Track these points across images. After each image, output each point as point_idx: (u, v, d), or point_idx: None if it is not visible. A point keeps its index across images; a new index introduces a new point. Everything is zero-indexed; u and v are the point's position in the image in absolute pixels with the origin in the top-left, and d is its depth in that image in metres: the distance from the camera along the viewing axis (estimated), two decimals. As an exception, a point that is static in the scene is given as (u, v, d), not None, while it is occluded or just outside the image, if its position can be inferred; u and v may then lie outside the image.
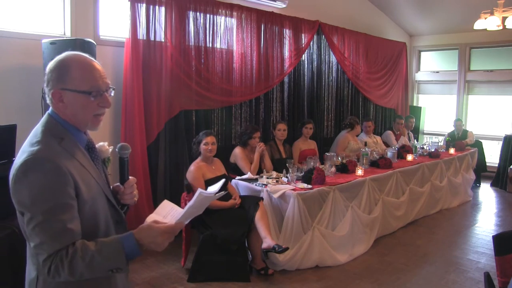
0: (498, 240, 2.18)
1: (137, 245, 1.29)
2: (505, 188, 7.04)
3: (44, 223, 1.22)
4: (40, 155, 1.25)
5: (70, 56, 1.37)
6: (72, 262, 1.22)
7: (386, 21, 8.22)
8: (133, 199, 1.58)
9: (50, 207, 1.22)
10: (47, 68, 1.36)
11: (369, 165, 4.96)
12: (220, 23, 4.92)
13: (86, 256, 1.23)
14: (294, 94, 5.94)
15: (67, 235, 1.24)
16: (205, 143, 3.85)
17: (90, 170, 1.38)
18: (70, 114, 1.36)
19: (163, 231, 1.32)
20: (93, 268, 1.24)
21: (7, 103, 3.60)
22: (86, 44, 3.34)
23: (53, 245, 1.22)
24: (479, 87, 8.35)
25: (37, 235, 1.23)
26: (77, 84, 1.33)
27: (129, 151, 1.55)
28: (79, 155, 1.37)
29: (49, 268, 1.23)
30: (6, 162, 2.62)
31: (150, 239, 1.30)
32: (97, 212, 1.37)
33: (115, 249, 1.26)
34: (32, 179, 1.23)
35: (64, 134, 1.36)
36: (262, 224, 3.56)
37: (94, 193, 1.36)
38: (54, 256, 1.22)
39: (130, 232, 1.32)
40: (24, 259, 2.39)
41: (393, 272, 3.85)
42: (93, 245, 1.26)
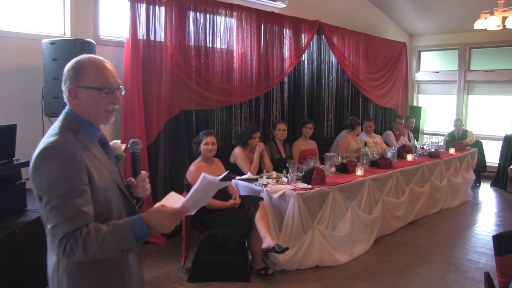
0: (498, 240, 2.18)
1: (146, 227, 1.39)
2: (505, 188, 7.04)
3: (60, 205, 1.33)
4: (56, 144, 1.39)
5: (86, 58, 1.52)
6: (85, 242, 1.32)
7: (386, 21, 8.23)
8: (145, 192, 1.69)
9: (65, 191, 1.33)
10: (65, 69, 1.53)
11: (369, 165, 4.96)
12: (220, 23, 4.92)
13: (99, 237, 1.33)
14: (294, 94, 5.93)
15: (81, 217, 1.34)
16: (205, 143, 3.85)
17: (102, 161, 1.50)
18: (84, 109, 1.50)
19: (170, 213, 1.43)
20: (105, 248, 1.34)
21: (7, 103, 3.60)
22: (86, 44, 3.33)
23: (68, 226, 1.32)
24: (479, 87, 8.35)
25: (54, 217, 1.33)
26: (90, 82, 1.47)
27: (140, 146, 1.69)
28: (92, 147, 1.49)
29: (64, 247, 1.33)
30: (6, 162, 2.62)
31: (158, 221, 1.41)
32: (110, 200, 1.48)
33: (126, 230, 1.37)
34: (49, 165, 1.36)
35: (79, 128, 1.48)
36: (262, 224, 3.56)
37: (106, 182, 1.47)
38: (69, 236, 1.32)
39: (140, 214, 1.42)
40: (24, 259, 2.39)
41: (393, 272, 3.85)
42: (105, 227, 1.36)
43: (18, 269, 2.37)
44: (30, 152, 3.38)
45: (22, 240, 2.37)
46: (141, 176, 1.67)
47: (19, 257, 2.38)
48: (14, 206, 2.64)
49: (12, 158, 2.68)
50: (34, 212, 2.68)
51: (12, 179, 2.64)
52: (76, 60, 1.51)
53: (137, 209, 1.64)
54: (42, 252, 2.56)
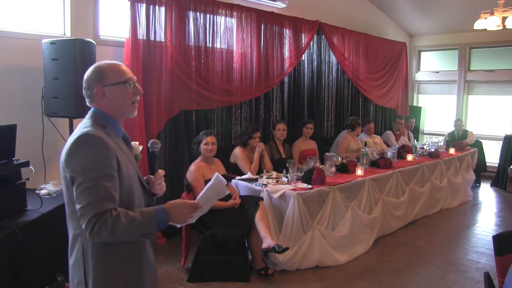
0: (498, 240, 2.18)
1: (166, 216, 1.56)
2: (505, 188, 7.04)
3: (92, 187, 1.46)
4: (91, 133, 1.53)
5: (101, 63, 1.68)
6: (115, 223, 1.45)
7: (386, 21, 8.23)
8: (162, 189, 1.83)
9: (98, 174, 1.47)
10: (85, 77, 1.66)
11: (369, 165, 4.96)
12: (220, 23, 4.92)
13: (127, 220, 1.47)
14: (294, 94, 5.93)
15: (111, 200, 1.48)
16: (205, 143, 3.85)
17: (127, 154, 1.66)
18: (112, 105, 1.64)
19: (189, 204, 1.63)
20: (131, 230, 1.49)
21: (7, 103, 3.60)
22: (86, 44, 3.33)
23: (99, 206, 1.45)
24: (479, 87, 8.35)
25: (85, 197, 1.45)
26: (115, 79, 1.63)
27: (159, 146, 1.85)
28: (119, 141, 1.65)
29: (92, 227, 1.44)
30: (6, 162, 2.62)
31: (178, 210, 1.59)
32: (133, 190, 1.62)
33: (150, 217, 1.53)
34: (85, 150, 1.49)
35: (107, 124, 1.63)
36: (262, 224, 3.56)
37: (130, 172, 1.61)
38: (100, 216, 1.44)
39: (161, 206, 1.59)
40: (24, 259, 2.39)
41: (393, 272, 3.85)
42: (132, 212, 1.51)
43: (18, 269, 2.37)
44: (30, 153, 3.39)
45: (22, 240, 2.37)
46: (158, 174, 1.81)
47: (19, 257, 2.37)
48: (14, 206, 2.64)
49: (12, 158, 2.68)
50: (34, 212, 2.68)
51: (12, 179, 2.64)
52: (94, 67, 1.66)
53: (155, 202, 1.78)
54: (42, 252, 2.57)
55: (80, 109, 3.18)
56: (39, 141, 3.61)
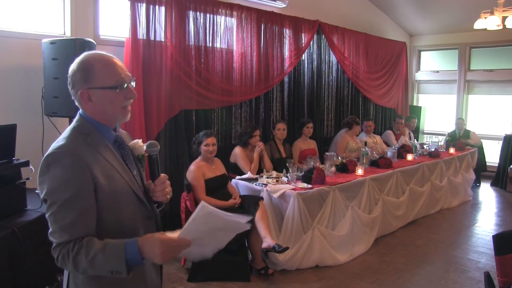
0: (498, 240, 2.18)
1: (139, 252, 1.29)
2: (505, 188, 7.04)
3: (57, 213, 1.30)
4: (61, 150, 1.33)
5: (91, 56, 1.42)
6: (76, 257, 1.27)
7: (386, 21, 8.22)
8: (165, 196, 1.58)
9: (65, 199, 1.29)
10: (70, 71, 1.42)
11: (369, 165, 4.96)
12: (220, 23, 4.92)
13: (89, 254, 1.27)
14: (294, 94, 5.93)
15: (77, 228, 1.30)
16: (205, 144, 3.85)
17: (115, 164, 1.43)
18: (99, 111, 1.42)
19: (162, 241, 1.30)
20: (94, 266, 1.28)
21: (7, 103, 3.60)
22: (86, 44, 3.33)
23: (62, 235, 1.29)
24: (479, 87, 8.35)
25: (51, 224, 1.31)
26: (103, 81, 1.39)
27: (157, 149, 1.58)
28: (104, 151, 1.42)
29: (56, 257, 1.31)
30: (6, 162, 2.62)
31: (149, 248, 1.29)
32: (121, 207, 1.41)
33: (117, 252, 1.28)
34: (52, 172, 1.31)
35: (91, 131, 1.42)
36: (262, 224, 3.56)
37: (117, 187, 1.40)
38: (62, 247, 1.29)
39: (135, 238, 1.32)
40: (24, 259, 2.39)
41: (393, 272, 3.85)
42: (99, 244, 1.29)
43: (18, 269, 2.37)
44: (30, 152, 3.39)
45: (22, 240, 2.37)
46: (160, 180, 1.56)
47: (19, 257, 2.37)
48: (14, 206, 2.64)
49: (12, 158, 2.68)
50: (34, 212, 2.68)
51: (12, 179, 2.64)
52: (81, 60, 1.41)
53: (157, 212, 1.57)
54: (42, 252, 2.56)
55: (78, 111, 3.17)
56: (39, 141, 3.61)
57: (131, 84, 1.46)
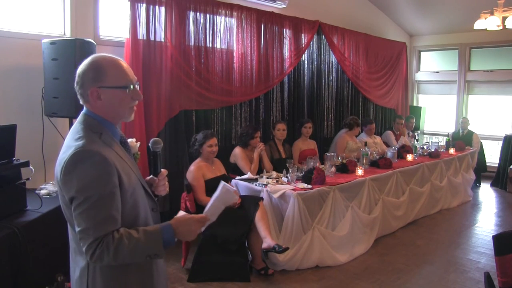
0: (498, 240, 2.18)
1: (173, 234, 1.44)
2: (505, 188, 7.04)
3: (91, 209, 1.33)
4: (87, 148, 1.37)
5: (101, 57, 1.49)
6: (118, 247, 1.34)
7: (386, 21, 8.22)
8: (166, 190, 1.72)
9: (98, 195, 1.34)
10: (79, 71, 1.47)
11: (369, 165, 4.96)
12: (220, 23, 4.92)
13: (131, 242, 1.36)
14: (294, 94, 5.93)
15: (112, 222, 1.36)
16: (209, 145, 3.85)
17: (127, 161, 1.51)
18: (107, 109, 1.49)
19: (197, 220, 1.51)
20: (135, 253, 1.37)
21: (7, 103, 3.60)
22: (86, 44, 3.33)
23: (99, 231, 1.33)
24: (479, 87, 8.35)
25: (84, 221, 1.34)
26: (114, 81, 1.46)
27: (161, 145, 1.70)
28: (117, 148, 1.50)
29: (93, 252, 1.34)
30: (6, 162, 2.62)
31: (187, 227, 1.47)
32: (137, 200, 1.50)
33: (156, 237, 1.40)
34: (81, 169, 1.35)
35: (102, 129, 1.47)
36: (262, 224, 3.56)
37: (133, 182, 1.48)
38: (100, 241, 1.33)
39: (168, 222, 1.45)
40: (24, 259, 2.39)
41: (393, 272, 3.85)
42: (136, 233, 1.38)
43: (18, 269, 2.37)
44: (30, 152, 3.38)
45: (22, 240, 2.37)
46: (162, 174, 1.70)
47: (19, 257, 2.37)
48: (14, 206, 2.64)
49: (12, 158, 2.68)
50: (34, 212, 2.68)
51: (12, 179, 2.64)
52: (92, 61, 1.47)
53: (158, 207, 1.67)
54: (42, 252, 2.57)
55: (80, 109, 3.16)
56: (39, 141, 3.61)
57: (136, 86, 1.53)
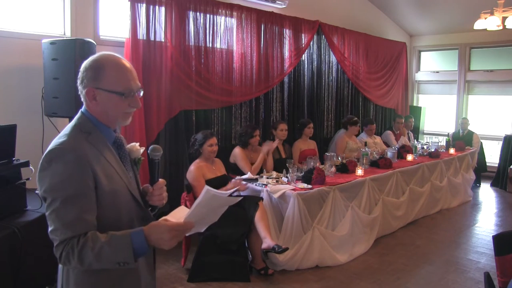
0: (498, 240, 2.18)
1: (145, 241, 1.32)
2: (505, 188, 7.04)
3: (60, 210, 1.29)
4: (63, 147, 1.34)
5: (105, 57, 1.44)
6: (81, 252, 1.27)
7: (386, 21, 8.22)
8: (162, 201, 1.61)
9: (67, 195, 1.29)
10: (82, 67, 1.44)
11: (369, 165, 4.96)
12: (220, 23, 4.92)
13: (96, 247, 1.27)
14: (294, 94, 5.93)
15: (81, 224, 1.30)
16: (210, 144, 3.85)
17: (114, 165, 1.44)
18: (101, 111, 1.44)
19: (171, 228, 1.34)
20: (101, 259, 1.28)
21: (7, 103, 3.60)
22: (86, 44, 3.33)
23: (65, 232, 1.28)
24: (479, 87, 8.35)
25: (53, 221, 1.30)
26: (111, 85, 1.41)
27: (160, 153, 1.60)
28: (105, 151, 1.43)
29: (60, 254, 1.29)
30: (6, 162, 2.62)
31: (158, 235, 1.32)
32: (119, 206, 1.42)
33: (124, 243, 1.30)
34: (54, 168, 1.31)
35: (92, 130, 1.43)
36: (262, 224, 3.56)
37: (116, 186, 1.42)
38: (66, 244, 1.28)
39: (140, 228, 1.35)
40: (24, 259, 2.39)
41: (393, 272, 3.85)
42: (104, 237, 1.30)
43: (18, 269, 2.37)
44: (30, 152, 3.38)
45: (22, 240, 2.37)
46: (158, 184, 1.60)
47: (19, 257, 2.37)
48: (14, 206, 2.64)
49: (12, 158, 2.68)
50: (34, 212, 2.68)
51: (12, 179, 2.64)
52: (95, 59, 1.43)
53: (151, 215, 1.59)
54: (42, 252, 2.57)
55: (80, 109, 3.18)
56: (39, 141, 3.61)
57: (138, 93, 1.47)
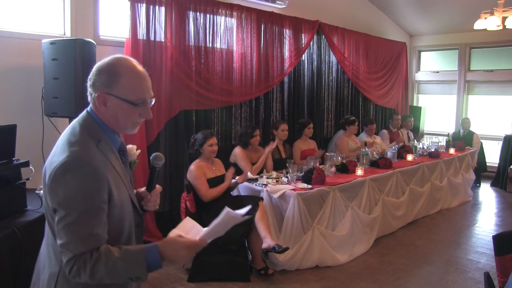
0: (498, 240, 2.18)
1: (159, 257, 1.31)
2: (505, 188, 7.04)
3: (74, 224, 1.25)
4: (79, 157, 1.28)
5: (122, 62, 1.39)
6: (95, 267, 1.25)
7: (386, 21, 8.22)
8: (156, 206, 1.62)
9: (82, 209, 1.25)
10: (95, 69, 1.39)
11: (369, 165, 4.96)
12: (220, 23, 4.92)
13: (109, 262, 1.26)
14: (294, 94, 5.93)
15: (94, 239, 1.27)
16: (210, 144, 3.85)
17: (121, 174, 1.42)
18: (111, 117, 1.39)
19: (188, 245, 1.35)
20: (114, 274, 1.27)
21: (7, 103, 3.60)
22: (86, 44, 3.33)
23: (79, 247, 1.25)
24: (479, 87, 8.35)
25: (65, 235, 1.26)
26: (125, 93, 1.36)
27: (162, 162, 1.57)
28: (113, 159, 1.40)
29: (71, 268, 1.26)
30: (6, 162, 2.62)
31: (174, 252, 1.33)
32: (124, 216, 1.40)
33: (138, 259, 1.29)
34: (70, 180, 1.25)
35: (101, 136, 1.38)
36: (262, 224, 3.56)
37: (122, 197, 1.39)
38: (78, 258, 1.25)
39: (154, 243, 1.33)
40: (24, 259, 2.39)
41: (393, 272, 3.85)
42: (117, 251, 1.28)
43: (18, 269, 2.37)
44: (30, 152, 3.38)
45: (22, 240, 2.37)
46: (156, 191, 1.61)
47: (19, 257, 2.37)
48: (14, 206, 2.64)
49: (12, 158, 2.68)
50: (34, 212, 2.68)
51: (12, 179, 2.64)
52: (111, 63, 1.38)
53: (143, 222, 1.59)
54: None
55: (80, 109, 3.15)
56: (39, 141, 3.61)
57: (150, 102, 1.43)
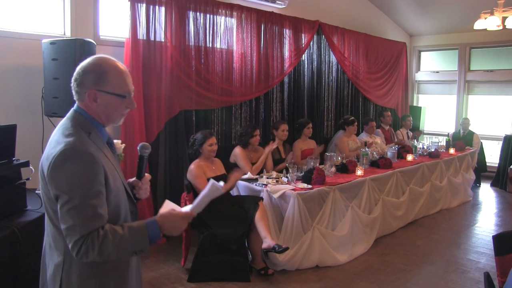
0: (498, 240, 2.18)
1: (159, 229, 1.46)
2: (505, 188, 7.04)
3: (78, 207, 1.36)
4: (76, 145, 1.40)
5: (106, 62, 1.52)
6: (103, 244, 1.37)
7: (386, 21, 8.22)
8: (147, 194, 1.75)
9: (85, 193, 1.37)
10: (81, 69, 1.50)
11: (369, 165, 4.96)
12: (220, 23, 4.92)
13: (116, 239, 1.39)
14: (294, 94, 5.93)
15: (98, 219, 1.38)
16: (209, 144, 3.86)
17: (113, 162, 1.54)
18: (101, 112, 1.52)
19: (182, 216, 1.53)
20: (120, 249, 1.40)
21: (7, 103, 3.60)
22: (86, 44, 3.33)
23: (85, 227, 1.36)
24: (479, 87, 8.35)
25: (71, 217, 1.36)
26: (114, 88, 1.51)
27: (149, 150, 1.72)
28: (104, 148, 1.53)
29: (79, 248, 1.36)
30: (6, 162, 2.62)
31: (172, 223, 1.49)
32: (120, 202, 1.52)
33: (141, 233, 1.43)
34: (69, 166, 1.37)
35: (91, 129, 1.50)
36: (262, 224, 3.56)
37: (117, 184, 1.51)
38: (86, 238, 1.36)
39: (153, 218, 1.49)
40: (24, 259, 2.39)
41: (393, 272, 3.85)
42: (121, 229, 1.41)
43: (18, 269, 2.37)
44: (30, 152, 3.38)
45: (22, 240, 2.37)
46: (146, 179, 1.73)
47: (19, 257, 2.37)
48: (14, 206, 2.64)
49: (12, 158, 2.68)
50: (34, 212, 2.68)
51: (12, 179, 2.64)
52: (95, 62, 1.51)
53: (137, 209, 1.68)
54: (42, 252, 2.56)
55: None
56: (39, 141, 3.61)
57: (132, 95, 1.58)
